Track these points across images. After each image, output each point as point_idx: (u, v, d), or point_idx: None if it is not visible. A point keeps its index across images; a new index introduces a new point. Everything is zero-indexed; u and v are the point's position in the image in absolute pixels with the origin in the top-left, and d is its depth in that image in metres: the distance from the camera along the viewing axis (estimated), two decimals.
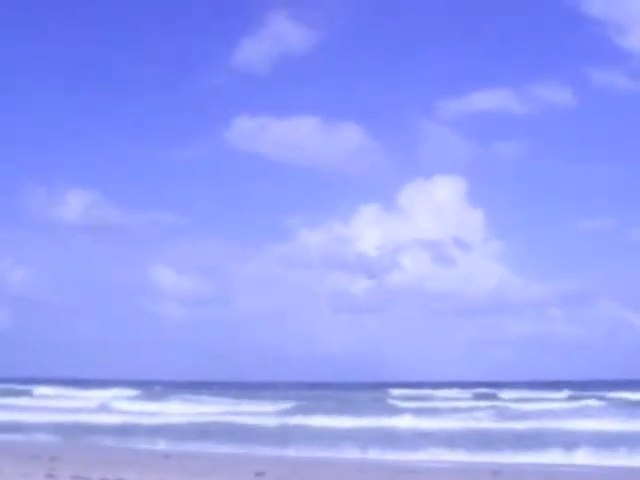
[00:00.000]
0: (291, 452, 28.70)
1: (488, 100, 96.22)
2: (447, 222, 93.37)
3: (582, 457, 26.57)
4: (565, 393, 62.12)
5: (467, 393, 65.85)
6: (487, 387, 70.45)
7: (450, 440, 31.78)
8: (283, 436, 33.76)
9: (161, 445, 30.36)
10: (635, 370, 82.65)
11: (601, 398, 55.08)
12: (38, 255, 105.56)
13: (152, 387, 71.70)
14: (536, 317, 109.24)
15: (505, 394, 63.15)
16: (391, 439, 33.05)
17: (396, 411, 45.77)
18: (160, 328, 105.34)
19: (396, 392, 66.42)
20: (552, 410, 47.47)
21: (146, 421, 41.64)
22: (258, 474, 20.54)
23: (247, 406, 49.80)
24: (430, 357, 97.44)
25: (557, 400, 56.28)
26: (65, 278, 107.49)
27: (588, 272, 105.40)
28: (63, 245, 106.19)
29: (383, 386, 76.54)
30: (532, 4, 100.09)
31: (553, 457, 26.80)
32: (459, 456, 27.59)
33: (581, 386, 68.90)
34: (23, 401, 57.88)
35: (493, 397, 59.84)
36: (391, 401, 56.28)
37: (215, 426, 38.70)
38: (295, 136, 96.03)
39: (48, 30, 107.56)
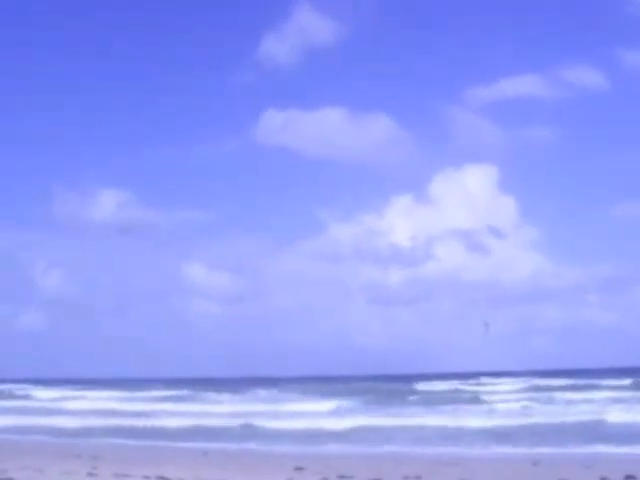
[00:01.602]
0: (329, 448, 28.70)
1: (517, 86, 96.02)
2: (480, 211, 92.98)
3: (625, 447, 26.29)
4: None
5: (513, 384, 64.90)
6: (535, 376, 69.55)
7: (499, 433, 31.45)
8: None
9: (200, 443, 30.52)
10: None
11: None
12: (71, 257, 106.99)
13: (190, 385, 71.98)
14: (572, 304, 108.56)
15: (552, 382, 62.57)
16: (433, 432, 32.98)
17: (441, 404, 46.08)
18: (194, 326, 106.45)
19: (438, 385, 65.92)
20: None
21: (185, 420, 42.04)
22: (297, 469, 20.65)
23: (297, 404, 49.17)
24: (467, 347, 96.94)
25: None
26: (98, 279, 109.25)
27: (623, 257, 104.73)
28: (95, 246, 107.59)
29: (423, 378, 76.48)
30: None
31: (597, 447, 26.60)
32: (505, 448, 27.37)
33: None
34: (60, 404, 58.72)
35: (543, 388, 58.77)
36: (432, 395, 55.98)
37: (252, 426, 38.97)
38: (323, 129, 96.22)
39: (76, 30, 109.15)
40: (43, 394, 64.73)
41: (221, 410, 47.42)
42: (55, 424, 39.42)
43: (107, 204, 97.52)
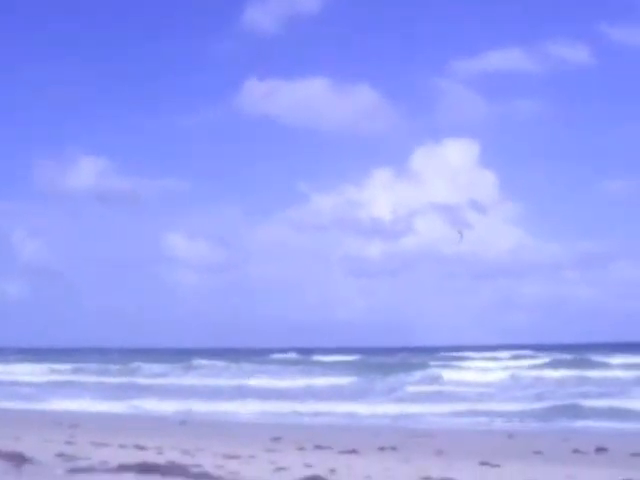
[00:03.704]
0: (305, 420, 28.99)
1: (502, 59, 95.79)
2: (461, 185, 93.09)
3: None
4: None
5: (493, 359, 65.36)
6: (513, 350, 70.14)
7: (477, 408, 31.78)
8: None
9: (177, 411, 30.66)
10: None
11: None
12: (50, 226, 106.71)
13: (172, 355, 72.15)
14: (552, 279, 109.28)
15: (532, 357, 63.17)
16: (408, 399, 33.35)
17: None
18: (174, 295, 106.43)
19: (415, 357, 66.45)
20: None
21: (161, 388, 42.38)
22: (274, 439, 20.80)
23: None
24: (446, 321, 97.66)
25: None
26: (78, 248, 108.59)
27: (604, 233, 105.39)
28: (75, 215, 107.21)
29: (403, 350, 77.00)
30: None
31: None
32: (481, 420, 27.72)
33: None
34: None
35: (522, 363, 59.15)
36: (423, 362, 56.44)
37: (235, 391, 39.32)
38: (306, 98, 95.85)
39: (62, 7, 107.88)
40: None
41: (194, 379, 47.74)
42: (31, 393, 39.54)
43: (87, 172, 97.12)
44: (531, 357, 61.79)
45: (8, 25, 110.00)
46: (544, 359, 57.51)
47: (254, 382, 44.46)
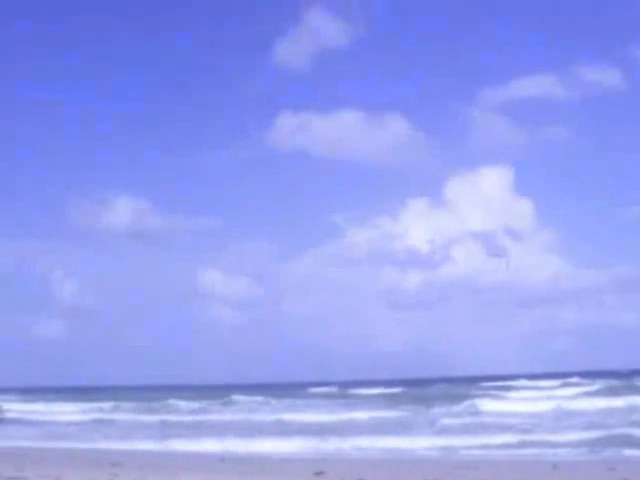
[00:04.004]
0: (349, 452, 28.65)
1: (533, 86, 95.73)
2: (497, 213, 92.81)
3: None
4: None
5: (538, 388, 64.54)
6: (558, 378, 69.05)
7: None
8: None
9: (218, 448, 30.47)
10: None
11: None
12: (87, 266, 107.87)
13: (210, 391, 72.04)
14: (591, 305, 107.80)
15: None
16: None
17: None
18: (211, 332, 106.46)
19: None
20: None
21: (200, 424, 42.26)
22: (317, 473, 20.53)
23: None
24: (486, 350, 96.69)
25: None
26: (116, 286, 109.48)
27: None
28: (111, 254, 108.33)
29: (442, 381, 76.16)
30: None
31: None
32: (526, 451, 27.21)
33: None
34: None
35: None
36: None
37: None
38: (338, 131, 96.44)
39: (98, 40, 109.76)
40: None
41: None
42: (71, 431, 39.62)
43: (122, 212, 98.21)
44: (576, 385, 60.71)
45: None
46: (590, 387, 56.53)
47: (293, 417, 44.13)
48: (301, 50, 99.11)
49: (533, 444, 28.00)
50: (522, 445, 27.91)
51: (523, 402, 48.18)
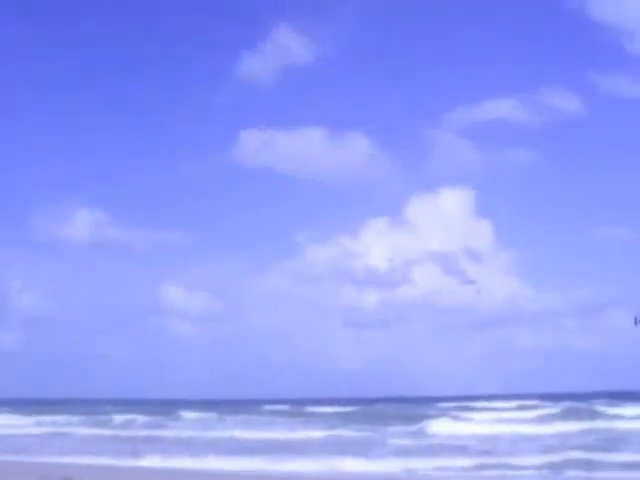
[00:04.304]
0: None
1: (496, 109, 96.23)
2: (457, 234, 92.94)
3: None
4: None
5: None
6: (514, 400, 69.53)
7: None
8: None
9: (169, 464, 29.94)
10: None
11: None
12: (47, 275, 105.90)
13: (163, 407, 71.15)
14: (550, 328, 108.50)
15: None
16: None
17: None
18: (170, 346, 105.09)
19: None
20: None
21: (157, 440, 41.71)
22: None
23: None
24: (443, 371, 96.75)
25: None
26: (75, 298, 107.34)
27: (601, 281, 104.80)
28: (72, 265, 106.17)
29: (397, 401, 76.11)
30: (537, 10, 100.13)
31: None
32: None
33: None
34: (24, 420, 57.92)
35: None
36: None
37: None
38: (302, 148, 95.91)
39: (49, 50, 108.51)
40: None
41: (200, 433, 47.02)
42: (19, 445, 38.84)
43: (83, 223, 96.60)
44: (534, 408, 60.82)
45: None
46: (547, 410, 56.73)
47: (245, 434, 43.77)
48: (268, 66, 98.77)
49: (491, 466, 27.88)
50: (480, 467, 27.77)
51: (480, 424, 48.06)
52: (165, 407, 68.91)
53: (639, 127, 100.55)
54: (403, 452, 33.70)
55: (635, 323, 24.68)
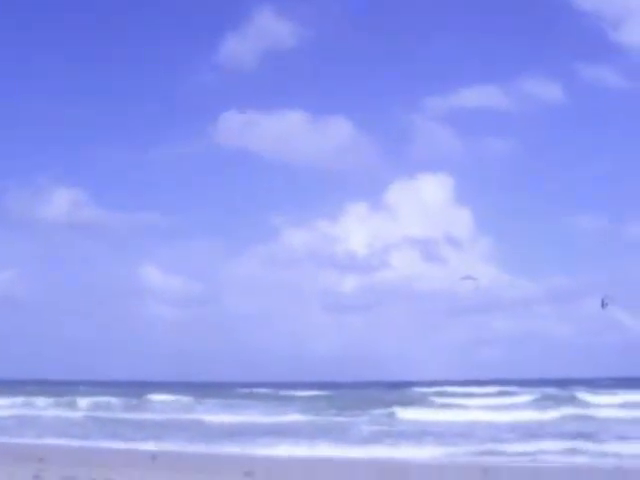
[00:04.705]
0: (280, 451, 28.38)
1: (476, 96, 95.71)
2: (436, 220, 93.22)
3: None
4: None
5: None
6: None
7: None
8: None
9: (149, 446, 30.01)
10: (622, 368, 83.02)
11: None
12: (22, 255, 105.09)
13: (138, 388, 71.12)
14: (525, 315, 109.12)
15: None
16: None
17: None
18: (147, 328, 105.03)
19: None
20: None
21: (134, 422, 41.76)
22: (247, 473, 20.36)
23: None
24: (420, 356, 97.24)
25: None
26: (51, 278, 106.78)
27: (577, 269, 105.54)
28: (48, 245, 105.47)
29: (374, 385, 76.46)
30: None
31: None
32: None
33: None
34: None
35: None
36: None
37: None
38: (282, 131, 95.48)
39: (31, 35, 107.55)
40: None
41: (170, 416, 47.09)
42: None
43: (60, 203, 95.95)
44: (512, 394, 61.34)
45: None
46: (521, 397, 57.07)
47: (214, 417, 43.92)
48: (249, 48, 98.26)
49: (464, 453, 27.97)
50: (453, 454, 27.78)
51: (455, 410, 48.33)
52: (138, 389, 68.89)
53: (620, 117, 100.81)
54: (374, 437, 33.84)
55: (602, 306, 24.98)
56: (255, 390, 70.40)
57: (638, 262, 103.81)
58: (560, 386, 66.15)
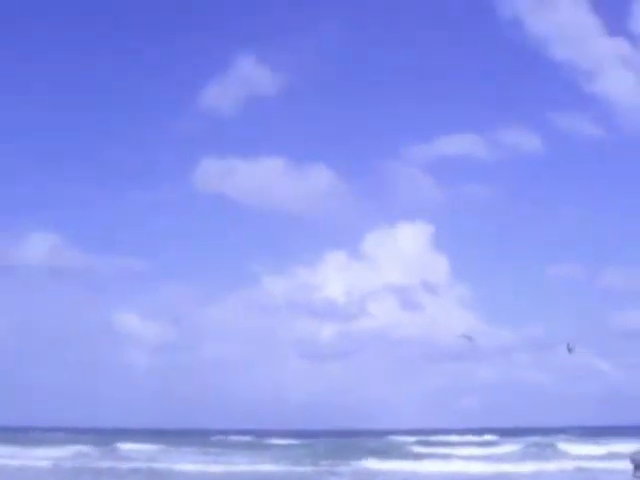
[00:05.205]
0: None
1: (455, 145, 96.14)
2: (414, 268, 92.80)
3: None
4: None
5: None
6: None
7: None
8: None
9: None
10: (601, 417, 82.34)
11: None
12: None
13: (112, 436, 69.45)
14: (503, 363, 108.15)
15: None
16: None
17: None
18: (123, 374, 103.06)
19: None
20: None
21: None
22: None
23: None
24: (398, 404, 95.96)
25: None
26: (26, 322, 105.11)
27: (554, 318, 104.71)
28: (25, 288, 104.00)
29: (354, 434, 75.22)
30: (498, 50, 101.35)
31: None
32: None
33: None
34: None
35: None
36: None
37: None
38: (262, 178, 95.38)
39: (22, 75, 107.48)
40: None
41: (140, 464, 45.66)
42: None
43: (38, 247, 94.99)
44: (495, 444, 60.25)
45: None
46: (511, 446, 56.12)
47: (189, 467, 42.80)
48: (230, 95, 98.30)
49: None
50: None
51: (436, 460, 46.93)
52: (110, 437, 67.13)
53: (595, 166, 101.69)
54: None
55: (569, 351, 24.43)
56: (230, 438, 69.05)
57: (614, 310, 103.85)
58: (540, 435, 65.19)
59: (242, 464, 44.92)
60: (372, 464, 43.97)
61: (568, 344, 24.62)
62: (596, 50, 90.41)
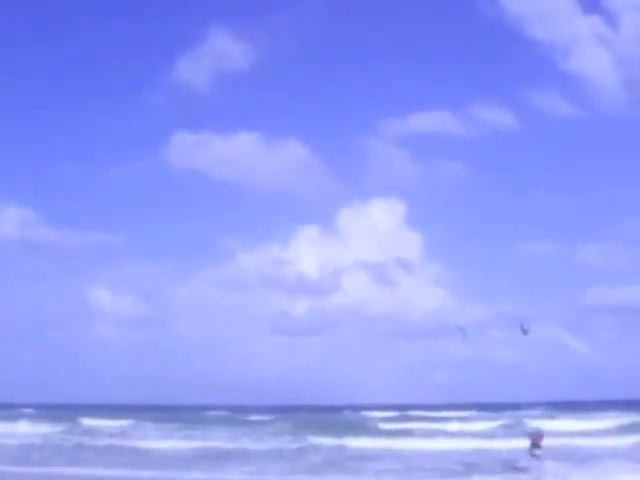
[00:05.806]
0: None
1: (430, 122, 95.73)
2: (387, 245, 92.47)
3: None
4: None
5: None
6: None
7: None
8: None
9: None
10: (571, 393, 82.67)
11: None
12: None
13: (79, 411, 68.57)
14: (477, 340, 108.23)
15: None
16: None
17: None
18: (95, 351, 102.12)
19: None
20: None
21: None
22: None
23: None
24: (370, 380, 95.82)
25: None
26: None
27: (526, 295, 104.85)
28: None
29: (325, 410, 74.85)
30: (473, 27, 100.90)
31: None
32: None
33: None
34: None
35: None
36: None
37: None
38: (235, 153, 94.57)
39: None
40: None
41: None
42: None
43: (10, 222, 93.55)
44: (474, 419, 59.97)
45: None
46: (472, 423, 55.87)
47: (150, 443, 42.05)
48: (203, 70, 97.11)
49: None
50: None
51: (413, 438, 46.24)
52: (77, 412, 66.25)
53: (569, 145, 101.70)
54: (328, 467, 32.00)
55: (523, 332, 23.80)
56: (203, 414, 68.26)
57: (588, 287, 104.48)
58: (513, 409, 65.08)
59: (214, 440, 44.13)
60: (348, 441, 43.30)
61: (522, 324, 23.97)
62: (571, 28, 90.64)
